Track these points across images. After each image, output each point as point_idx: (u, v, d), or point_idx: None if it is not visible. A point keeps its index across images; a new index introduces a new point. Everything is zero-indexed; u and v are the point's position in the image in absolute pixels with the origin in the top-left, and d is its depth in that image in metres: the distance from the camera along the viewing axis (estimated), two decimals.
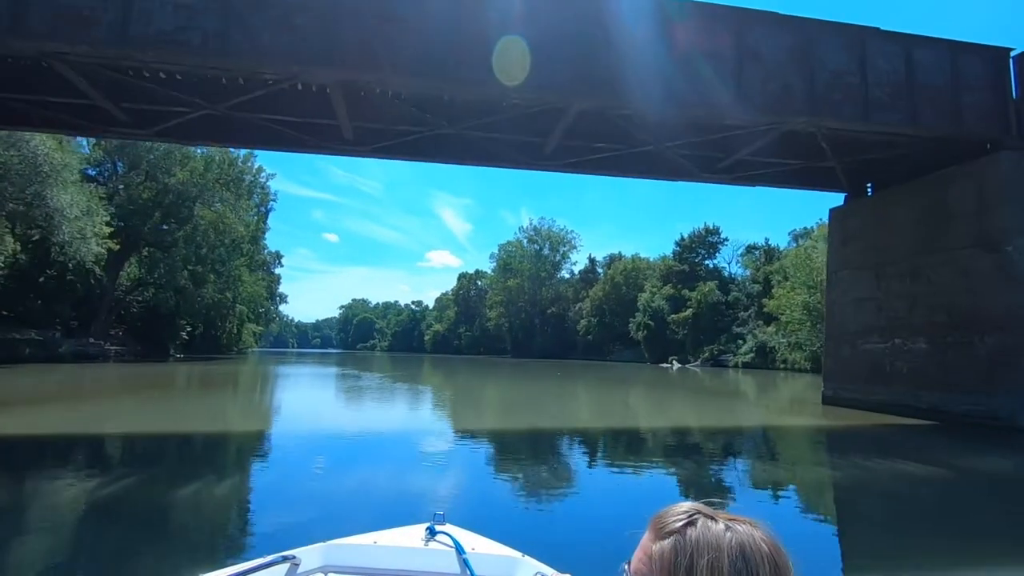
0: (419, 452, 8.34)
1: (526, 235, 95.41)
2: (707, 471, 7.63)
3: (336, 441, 9.31)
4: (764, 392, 25.01)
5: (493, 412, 15.12)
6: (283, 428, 11.36)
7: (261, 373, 32.55)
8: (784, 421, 14.40)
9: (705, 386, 27.90)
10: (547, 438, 10.30)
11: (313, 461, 7.53)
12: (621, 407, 17.10)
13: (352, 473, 6.87)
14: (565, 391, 22.68)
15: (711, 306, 57.03)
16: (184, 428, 10.13)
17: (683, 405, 18.15)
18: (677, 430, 11.85)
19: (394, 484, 6.26)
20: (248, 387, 22.30)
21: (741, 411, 16.45)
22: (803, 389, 24.39)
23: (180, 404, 14.92)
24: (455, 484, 6.42)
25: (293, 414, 13.77)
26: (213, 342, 57.44)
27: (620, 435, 11.35)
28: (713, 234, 64.88)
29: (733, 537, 0.67)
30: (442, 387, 24.62)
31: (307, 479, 6.42)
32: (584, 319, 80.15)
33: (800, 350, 41.99)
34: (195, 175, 46.84)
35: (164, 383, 21.25)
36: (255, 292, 56.13)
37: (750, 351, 49.60)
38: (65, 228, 30.98)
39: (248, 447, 8.77)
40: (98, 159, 46.23)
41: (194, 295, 46.80)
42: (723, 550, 0.66)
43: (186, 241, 48.07)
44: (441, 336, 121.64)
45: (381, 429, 11.10)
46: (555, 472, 7.22)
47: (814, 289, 38.99)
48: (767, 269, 55.10)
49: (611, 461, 8.48)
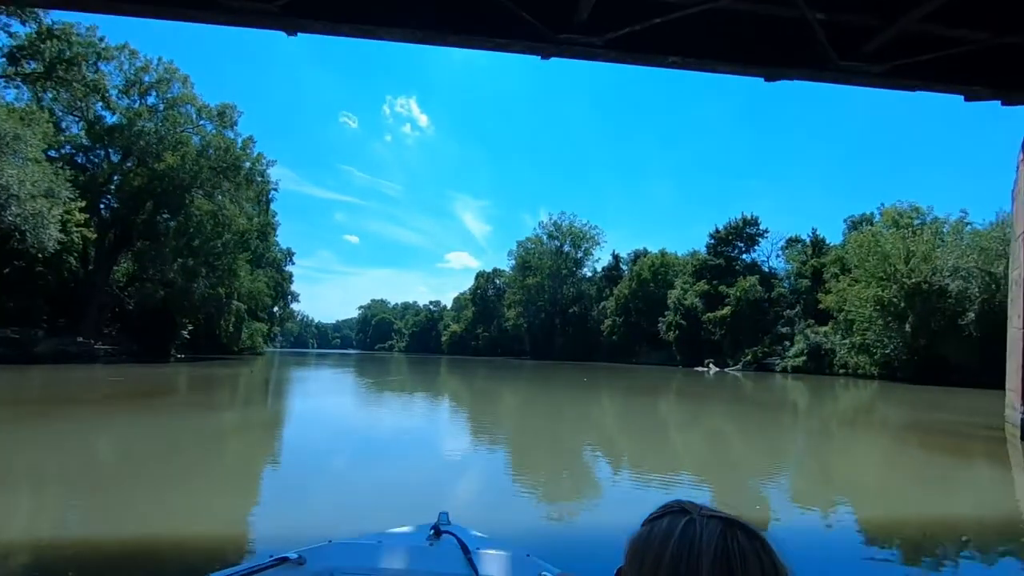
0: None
1: (545, 231, 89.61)
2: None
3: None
4: (870, 411, 18.72)
5: (513, 446, 9.60)
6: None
7: (238, 380, 27.44)
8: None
9: (776, 400, 21.97)
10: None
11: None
12: (708, 446, 11.36)
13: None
14: (604, 407, 17.04)
15: (752, 303, 50.70)
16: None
17: (798, 441, 12.15)
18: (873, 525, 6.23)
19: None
20: (199, 406, 17.11)
21: (901, 456, 9.86)
22: (926, 408, 18.20)
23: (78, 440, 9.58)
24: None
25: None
26: (217, 341, 53.11)
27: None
28: (751, 225, 58.38)
29: (689, 531, 0.67)
30: (450, 401, 19.19)
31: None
32: (608, 319, 74.16)
33: (866, 353, 35.62)
34: (187, 160, 42.29)
35: (114, 394, 16.19)
36: (255, 289, 51.45)
37: (800, 354, 43.24)
38: (14, 208, 26.36)
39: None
40: (83, 144, 41.94)
41: (183, 290, 42.13)
42: (672, 539, 0.67)
43: (178, 232, 43.66)
44: (458, 337, 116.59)
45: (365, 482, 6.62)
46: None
47: (887, 281, 32.68)
48: (816, 262, 48.67)
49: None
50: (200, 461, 7.58)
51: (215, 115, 46.59)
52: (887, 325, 32.79)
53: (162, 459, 7.46)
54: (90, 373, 24.67)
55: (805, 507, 6.07)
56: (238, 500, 5.61)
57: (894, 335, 32.94)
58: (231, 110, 47.56)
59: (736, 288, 51.49)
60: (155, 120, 41.74)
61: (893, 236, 33.35)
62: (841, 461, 9.22)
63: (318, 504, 5.30)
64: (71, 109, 39.75)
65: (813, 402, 21.14)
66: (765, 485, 7.05)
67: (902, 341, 32.40)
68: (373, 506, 5.32)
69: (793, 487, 7.17)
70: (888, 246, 32.59)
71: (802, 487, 7.21)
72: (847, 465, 8.81)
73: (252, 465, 7.52)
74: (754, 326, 50.05)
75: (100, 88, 39.01)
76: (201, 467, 7.21)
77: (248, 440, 9.71)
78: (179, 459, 7.56)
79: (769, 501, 6.12)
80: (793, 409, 18.22)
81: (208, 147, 44.72)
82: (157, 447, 8.33)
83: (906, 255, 31.78)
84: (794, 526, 5.10)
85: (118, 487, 5.96)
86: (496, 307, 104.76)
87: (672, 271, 66.64)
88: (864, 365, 36.66)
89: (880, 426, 14.72)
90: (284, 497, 5.68)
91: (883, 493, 7.05)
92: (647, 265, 69.43)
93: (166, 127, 41.73)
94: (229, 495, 5.83)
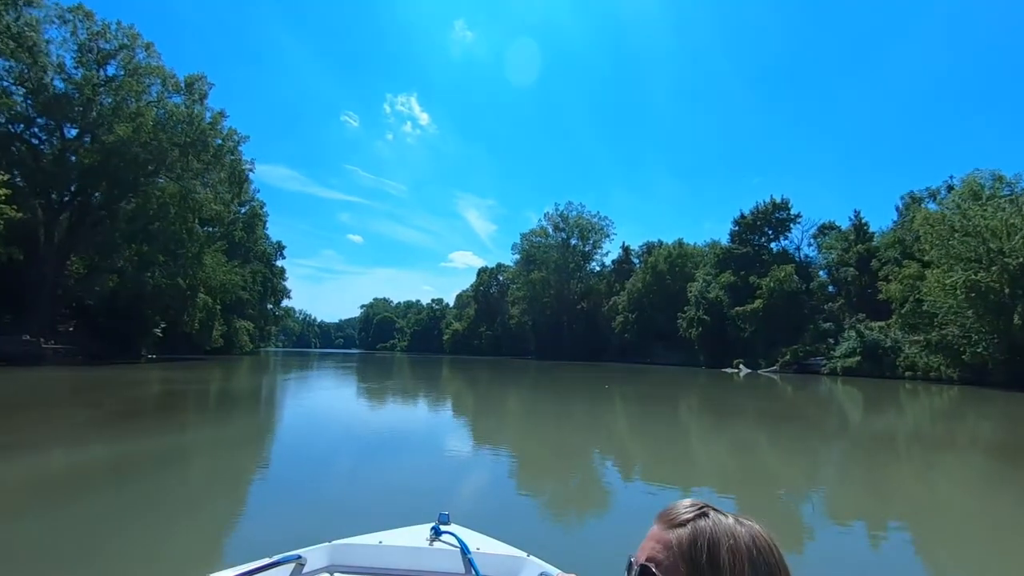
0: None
1: (551, 223, 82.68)
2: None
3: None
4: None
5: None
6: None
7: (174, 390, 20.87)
8: None
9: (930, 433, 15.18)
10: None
11: None
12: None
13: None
14: (652, 432, 10.29)
15: (788, 296, 43.81)
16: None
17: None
18: None
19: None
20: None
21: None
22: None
23: None
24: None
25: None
26: (186, 340, 46.71)
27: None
28: (781, 209, 51.38)
29: (744, 528, 0.69)
30: (445, 416, 12.63)
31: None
32: (620, 315, 67.33)
33: (945, 352, 28.73)
34: (142, 133, 35.90)
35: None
36: (230, 282, 44.93)
37: (852, 353, 36.33)
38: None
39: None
40: (26, 115, 35.30)
41: (135, 280, 35.73)
42: (739, 537, 0.68)
43: (133, 216, 37.42)
44: (460, 336, 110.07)
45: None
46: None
47: (978, 264, 25.87)
48: (862, 248, 41.81)
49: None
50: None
51: (182, 87, 40.40)
52: (980, 317, 25.93)
53: None
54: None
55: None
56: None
57: (986, 330, 26.11)
58: (201, 82, 41.34)
59: (770, 278, 44.59)
60: (110, 90, 35.46)
61: (983, 208, 26.48)
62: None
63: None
64: (14, 77, 33.09)
65: (954, 420, 14.37)
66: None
67: (999, 337, 25.57)
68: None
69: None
70: (982, 220, 25.72)
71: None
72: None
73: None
74: (790, 321, 43.18)
75: (38, 51, 32.49)
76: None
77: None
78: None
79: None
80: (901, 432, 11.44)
81: (170, 120, 38.55)
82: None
83: (1007, 230, 24.99)
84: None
85: None
86: (500, 304, 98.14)
87: (691, 262, 59.80)
88: (938, 367, 29.80)
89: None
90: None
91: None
92: (663, 256, 62.57)
93: (121, 97, 35.45)
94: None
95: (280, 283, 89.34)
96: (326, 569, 1.82)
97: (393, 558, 1.88)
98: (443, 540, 1.96)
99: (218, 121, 42.29)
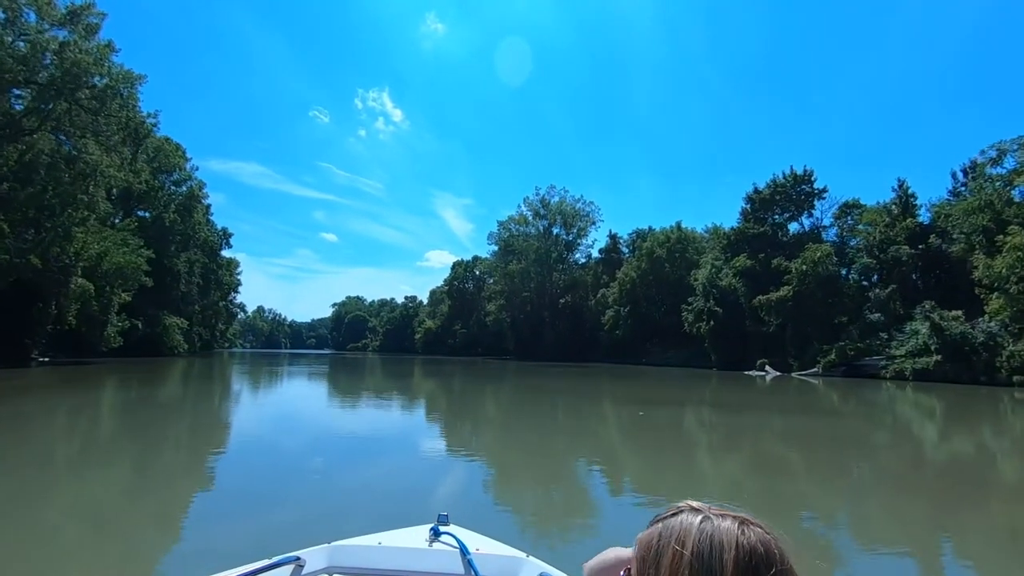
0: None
1: (531, 209, 72.82)
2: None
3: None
4: None
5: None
6: None
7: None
8: None
9: None
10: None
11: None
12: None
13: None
14: None
15: (824, 282, 34.81)
16: None
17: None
18: None
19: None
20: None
21: None
22: None
23: None
24: None
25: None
26: (84, 339, 35.85)
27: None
28: (804, 182, 42.44)
29: (707, 528, 0.64)
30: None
31: None
32: (610, 309, 57.90)
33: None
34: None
35: None
36: (124, 262, 34.10)
37: (925, 351, 27.34)
38: None
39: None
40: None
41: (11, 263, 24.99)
42: (690, 537, 0.64)
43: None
44: (433, 334, 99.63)
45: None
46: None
47: None
48: (912, 223, 33.18)
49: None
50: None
51: (64, 18, 29.83)
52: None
53: None
54: None
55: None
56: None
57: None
58: (88, 11, 30.57)
59: (801, 261, 35.54)
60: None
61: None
62: None
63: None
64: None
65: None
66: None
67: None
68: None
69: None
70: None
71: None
72: None
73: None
74: (828, 312, 34.24)
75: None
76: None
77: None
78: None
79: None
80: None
81: (32, 53, 28.06)
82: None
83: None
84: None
85: None
86: (475, 300, 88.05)
87: (693, 247, 50.71)
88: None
89: None
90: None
91: None
92: (659, 241, 53.33)
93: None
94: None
95: (229, 276, 77.78)
96: (325, 570, 1.79)
97: (392, 559, 1.84)
98: (442, 541, 1.91)
99: (104, 55, 31.36)
